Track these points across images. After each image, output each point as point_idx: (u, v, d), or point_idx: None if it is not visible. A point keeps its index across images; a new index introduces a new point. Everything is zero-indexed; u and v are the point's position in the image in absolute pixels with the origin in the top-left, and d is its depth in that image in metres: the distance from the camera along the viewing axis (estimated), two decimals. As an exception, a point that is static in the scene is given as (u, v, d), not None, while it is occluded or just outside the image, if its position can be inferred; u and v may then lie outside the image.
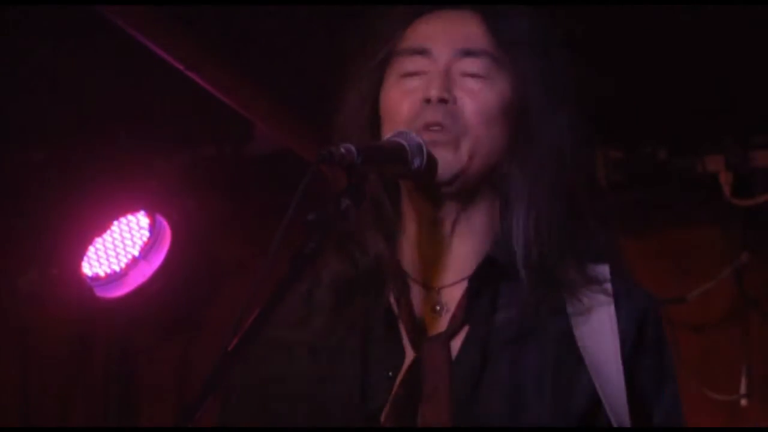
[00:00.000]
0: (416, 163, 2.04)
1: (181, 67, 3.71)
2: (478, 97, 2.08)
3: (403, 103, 2.09)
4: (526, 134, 2.10)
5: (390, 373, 2.05)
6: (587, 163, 2.20)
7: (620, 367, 2.03)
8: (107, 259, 4.58)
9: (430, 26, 2.14)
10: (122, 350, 4.94)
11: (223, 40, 3.75)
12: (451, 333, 2.07)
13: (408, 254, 2.13)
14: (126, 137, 4.36)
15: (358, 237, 2.13)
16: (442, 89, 2.06)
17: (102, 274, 4.57)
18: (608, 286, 2.08)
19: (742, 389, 4.37)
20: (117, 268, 4.59)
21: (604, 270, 2.11)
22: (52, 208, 4.41)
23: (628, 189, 4.40)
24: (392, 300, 2.11)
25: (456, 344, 2.06)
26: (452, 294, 2.10)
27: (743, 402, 4.38)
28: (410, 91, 2.09)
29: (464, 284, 2.09)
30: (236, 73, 3.91)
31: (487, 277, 2.09)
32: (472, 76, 2.10)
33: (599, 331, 2.05)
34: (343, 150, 1.92)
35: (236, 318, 1.79)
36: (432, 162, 2.06)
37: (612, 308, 2.07)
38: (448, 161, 2.06)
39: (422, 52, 2.11)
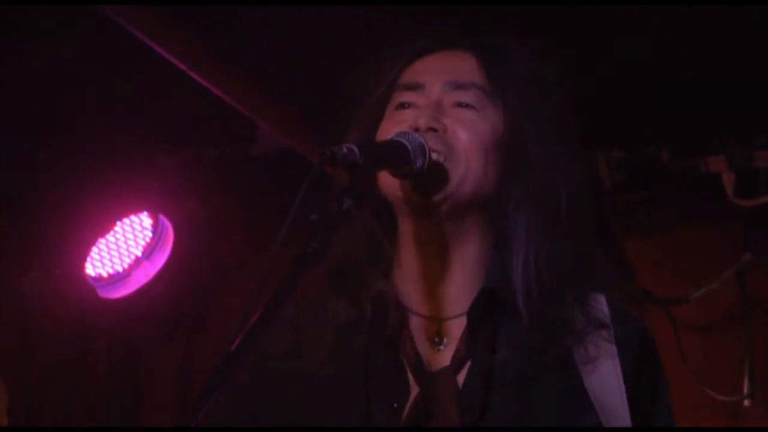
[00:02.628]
0: (418, 163, 2.05)
1: (183, 68, 3.71)
2: (469, 125, 2.11)
3: (395, 132, 2.10)
4: (519, 168, 2.12)
5: (395, 405, 2.06)
6: (585, 194, 2.20)
7: (626, 409, 2.05)
8: (110, 260, 4.59)
9: (425, 64, 2.20)
10: (125, 350, 4.95)
11: (226, 41, 3.75)
12: (456, 368, 2.08)
13: (406, 286, 2.14)
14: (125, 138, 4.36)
15: (356, 272, 2.14)
16: (430, 119, 2.10)
17: (105, 274, 4.58)
18: (610, 331, 2.10)
19: (745, 390, 4.37)
20: (120, 269, 4.60)
21: (601, 303, 2.13)
22: (55, 208, 4.41)
23: (631, 189, 4.40)
24: (392, 332, 2.11)
25: (460, 378, 2.07)
26: (453, 326, 2.11)
27: (746, 402, 4.37)
28: (402, 121, 2.12)
29: (464, 318, 2.10)
30: (238, 73, 3.92)
31: (485, 310, 2.09)
32: (464, 106, 2.13)
33: (607, 379, 2.06)
34: (345, 149, 1.93)
35: (239, 318, 1.80)
36: (435, 166, 2.07)
37: (615, 351, 2.08)
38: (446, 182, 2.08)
39: (415, 87, 2.16)
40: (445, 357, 2.10)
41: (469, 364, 2.07)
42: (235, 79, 3.93)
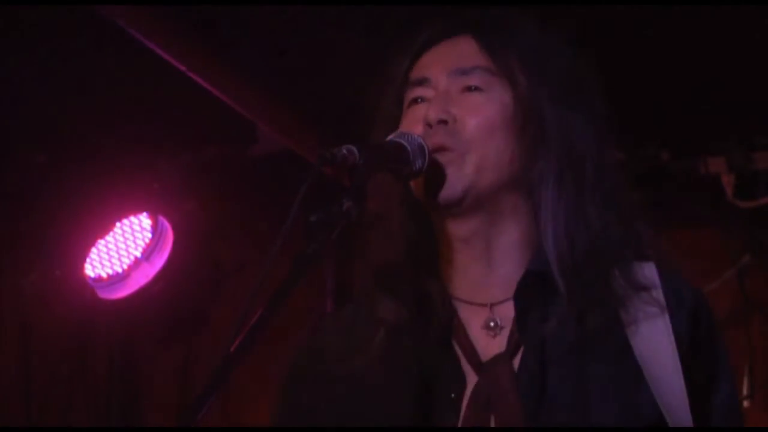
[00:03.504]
0: (418, 164, 2.05)
1: (183, 69, 3.71)
2: (478, 111, 2.10)
3: (412, 130, 2.11)
4: (537, 140, 2.11)
5: (453, 395, 2.05)
6: (612, 157, 2.18)
7: (681, 378, 2.02)
8: (110, 261, 4.59)
9: (429, 57, 2.20)
10: (124, 351, 4.95)
11: (225, 41, 3.75)
12: (512, 352, 2.07)
13: (451, 277, 2.13)
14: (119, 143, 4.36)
15: (400, 271, 2.13)
16: (439, 111, 2.09)
17: (104, 275, 4.58)
18: (658, 292, 2.08)
19: (744, 391, 4.37)
20: (119, 270, 4.60)
21: (650, 270, 2.11)
22: (54, 209, 4.41)
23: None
24: (443, 322, 2.10)
25: (516, 361, 2.06)
26: (504, 310, 2.10)
27: (745, 404, 4.37)
28: (416, 119, 2.13)
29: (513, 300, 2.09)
30: (239, 74, 3.92)
31: (532, 291, 2.08)
32: (471, 90, 2.13)
33: (656, 343, 2.04)
34: (344, 151, 1.93)
35: (238, 319, 1.80)
36: (436, 168, 2.07)
37: (666, 316, 2.06)
38: (456, 179, 2.07)
39: (423, 81, 2.17)
40: (499, 342, 2.09)
41: (523, 347, 2.06)
42: (235, 80, 3.93)
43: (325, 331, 2.22)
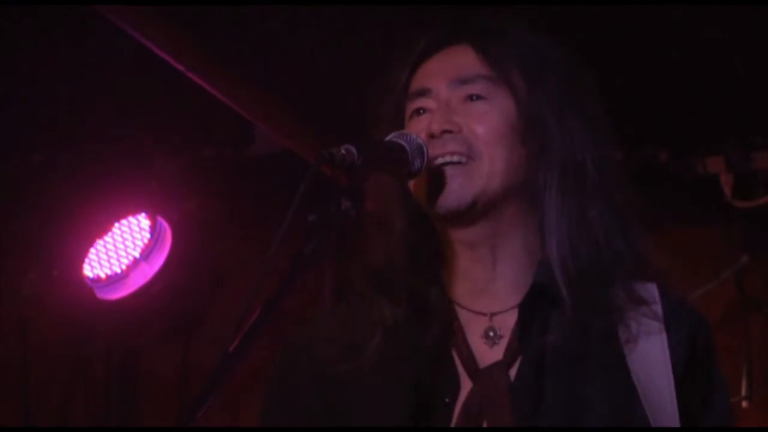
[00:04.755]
0: (416, 164, 2.05)
1: (181, 68, 3.71)
2: (483, 119, 2.10)
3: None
4: (540, 149, 2.11)
5: (447, 400, 2.06)
6: (613, 163, 2.18)
7: (674, 398, 2.03)
8: (108, 261, 4.59)
9: (429, 66, 2.19)
10: (123, 351, 4.94)
11: (224, 41, 3.75)
12: (509, 362, 2.07)
13: (452, 281, 2.14)
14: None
15: (399, 274, 2.13)
16: (443, 122, 2.09)
17: (103, 275, 4.58)
18: (658, 309, 2.08)
19: (743, 391, 4.37)
20: (118, 270, 4.60)
21: (652, 290, 2.11)
22: (53, 210, 4.41)
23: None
24: (442, 327, 2.10)
25: (512, 372, 2.07)
26: (504, 320, 2.10)
27: (744, 404, 4.37)
28: (419, 130, 2.12)
29: (515, 311, 2.09)
30: (237, 74, 3.92)
31: (536, 303, 2.08)
32: (474, 99, 2.12)
33: (652, 362, 2.05)
34: (343, 151, 1.93)
35: (237, 319, 1.80)
36: (441, 176, 2.07)
37: (664, 336, 2.07)
38: (467, 187, 2.07)
39: (424, 92, 2.16)
40: (497, 351, 2.09)
41: (521, 358, 2.06)
42: (233, 79, 3.93)
43: (318, 327, 2.21)
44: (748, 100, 4.03)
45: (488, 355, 2.09)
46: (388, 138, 2.07)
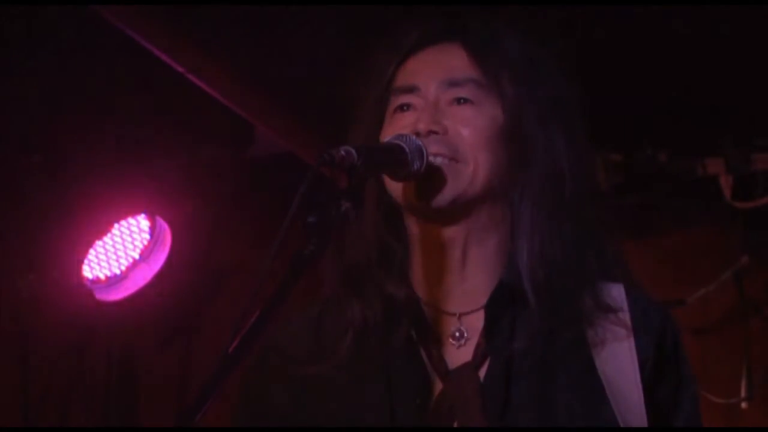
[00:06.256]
0: (416, 165, 2.05)
1: (181, 70, 3.71)
2: (469, 122, 2.11)
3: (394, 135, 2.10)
4: (522, 157, 2.12)
5: (418, 401, 2.06)
6: (590, 177, 2.20)
7: (641, 399, 2.04)
8: (108, 262, 4.58)
9: (418, 63, 2.19)
10: (123, 353, 4.95)
11: (224, 43, 3.75)
12: (478, 363, 2.08)
13: (422, 281, 2.14)
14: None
15: (369, 273, 2.14)
16: (430, 122, 2.10)
17: (102, 277, 4.58)
18: (625, 314, 2.10)
19: (742, 392, 4.37)
20: (117, 271, 4.60)
21: (618, 291, 2.12)
22: (52, 211, 4.41)
23: (628, 192, 4.40)
24: (411, 328, 2.11)
25: (481, 372, 2.08)
26: (472, 321, 2.11)
27: (743, 405, 4.38)
28: (402, 126, 2.12)
29: (483, 311, 2.10)
30: (236, 75, 3.91)
31: (503, 303, 2.09)
32: (461, 102, 2.13)
33: (620, 364, 2.06)
34: (343, 152, 1.93)
35: (236, 320, 1.80)
36: (433, 170, 2.07)
37: (632, 339, 2.08)
38: (450, 187, 2.08)
39: (411, 89, 2.16)
40: (466, 352, 2.10)
41: (489, 358, 2.08)
42: (233, 81, 3.93)
43: (292, 329, 2.21)
44: (748, 100, 4.03)
45: (457, 355, 2.10)
46: (386, 140, 2.07)
